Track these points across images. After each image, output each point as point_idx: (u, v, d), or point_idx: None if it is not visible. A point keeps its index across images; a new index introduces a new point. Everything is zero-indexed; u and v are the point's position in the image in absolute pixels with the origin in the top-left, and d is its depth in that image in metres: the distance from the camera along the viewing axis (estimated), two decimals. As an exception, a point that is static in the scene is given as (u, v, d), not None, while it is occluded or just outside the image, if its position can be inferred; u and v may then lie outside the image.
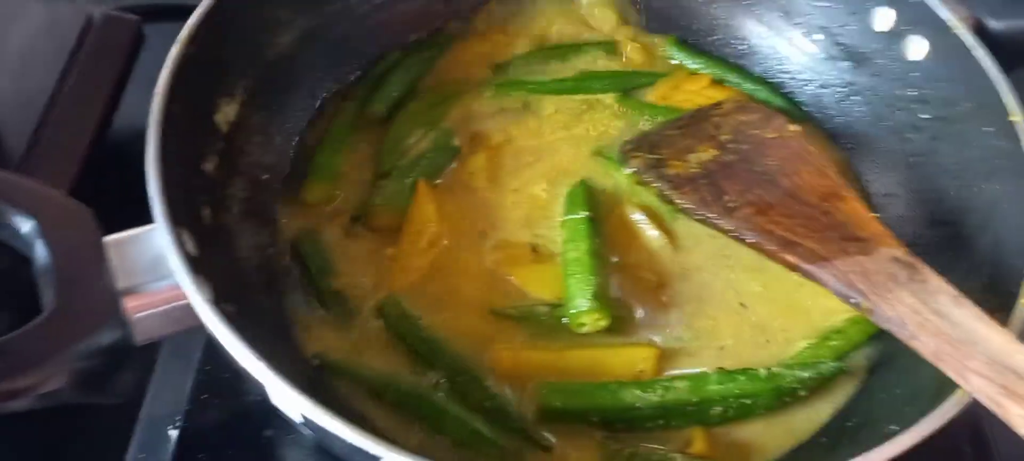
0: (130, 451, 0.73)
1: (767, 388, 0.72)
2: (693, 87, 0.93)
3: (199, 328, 0.66)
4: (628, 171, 0.83)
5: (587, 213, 0.80)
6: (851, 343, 0.76)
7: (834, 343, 0.76)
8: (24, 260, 0.65)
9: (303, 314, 0.77)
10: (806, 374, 0.73)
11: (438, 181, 0.85)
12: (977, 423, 0.78)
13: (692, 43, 0.98)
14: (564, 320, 0.76)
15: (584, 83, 0.94)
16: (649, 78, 0.95)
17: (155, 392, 0.76)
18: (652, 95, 0.94)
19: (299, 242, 0.80)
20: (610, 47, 0.97)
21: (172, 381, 0.77)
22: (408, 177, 0.84)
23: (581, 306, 0.74)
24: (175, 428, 0.74)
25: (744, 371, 0.73)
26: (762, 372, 0.73)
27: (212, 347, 0.76)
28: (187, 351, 0.78)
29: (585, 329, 0.75)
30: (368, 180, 0.85)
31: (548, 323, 0.76)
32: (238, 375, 0.75)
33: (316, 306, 0.77)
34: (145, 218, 0.65)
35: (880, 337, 0.75)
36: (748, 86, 0.94)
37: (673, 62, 0.97)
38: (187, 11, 0.90)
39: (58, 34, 0.98)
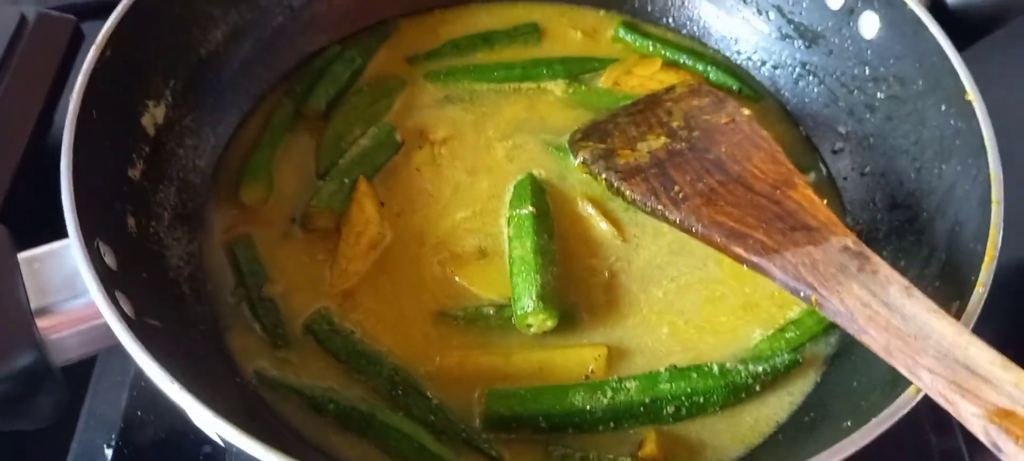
0: (64, 471, 0.71)
1: (720, 384, 0.70)
2: (645, 71, 0.91)
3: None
4: (577, 161, 0.80)
5: (532, 208, 0.78)
6: (808, 334, 0.74)
7: (790, 335, 0.74)
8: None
9: (238, 327, 0.73)
10: (760, 368, 0.71)
11: (379, 179, 0.82)
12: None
13: (644, 25, 0.95)
14: (512, 321, 0.73)
15: (531, 70, 0.91)
16: (599, 63, 0.92)
17: (90, 409, 0.74)
18: (603, 81, 0.91)
19: (233, 247, 0.77)
20: (536, 31, 0.95)
21: (106, 398, 0.75)
22: (348, 176, 0.81)
23: (527, 307, 0.72)
24: (110, 447, 0.72)
25: (696, 368, 0.71)
26: (714, 368, 0.70)
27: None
28: (122, 368, 0.75)
29: (532, 330, 0.73)
30: (307, 179, 0.82)
31: (496, 325, 0.74)
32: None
33: (251, 318, 0.74)
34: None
35: (837, 327, 0.73)
36: (701, 67, 0.91)
37: (621, 45, 0.94)
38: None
39: (-12, 35, 0.95)
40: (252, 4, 0.86)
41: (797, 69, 0.89)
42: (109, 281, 0.59)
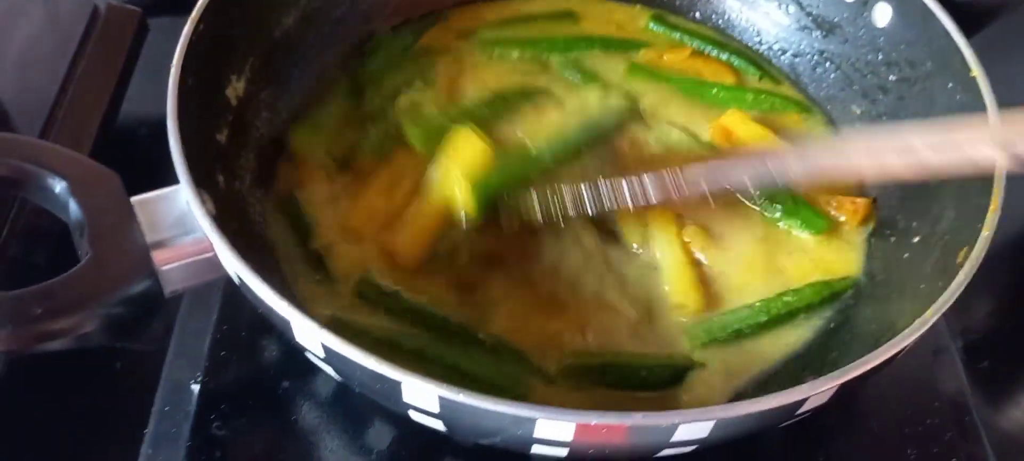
0: (156, 404, 0.77)
1: None
2: (675, 57, 0.98)
3: (219, 287, 0.71)
4: None
5: None
6: (804, 302, 0.80)
7: (788, 298, 0.80)
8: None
9: (304, 277, 0.80)
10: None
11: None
12: (965, 413, 0.82)
13: (672, 17, 1.04)
14: None
15: (573, 43, 0.99)
16: (634, 45, 1.00)
17: (176, 351, 0.80)
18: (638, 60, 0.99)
19: (286, 202, 0.84)
20: (573, 17, 1.03)
21: (191, 340, 0.81)
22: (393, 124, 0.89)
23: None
24: (197, 383, 0.78)
25: None
26: None
27: (228, 307, 0.81)
28: (204, 313, 0.82)
29: None
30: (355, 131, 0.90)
31: None
32: (253, 333, 0.81)
33: (310, 270, 0.80)
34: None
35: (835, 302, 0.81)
36: (725, 56, 0.99)
37: (650, 36, 1.02)
38: (187, 4, 0.94)
39: (65, 25, 1.02)
40: (319, -8, 0.94)
41: (815, 57, 0.97)
42: (215, 221, 0.67)
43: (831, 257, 0.84)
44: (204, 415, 0.77)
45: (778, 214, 0.85)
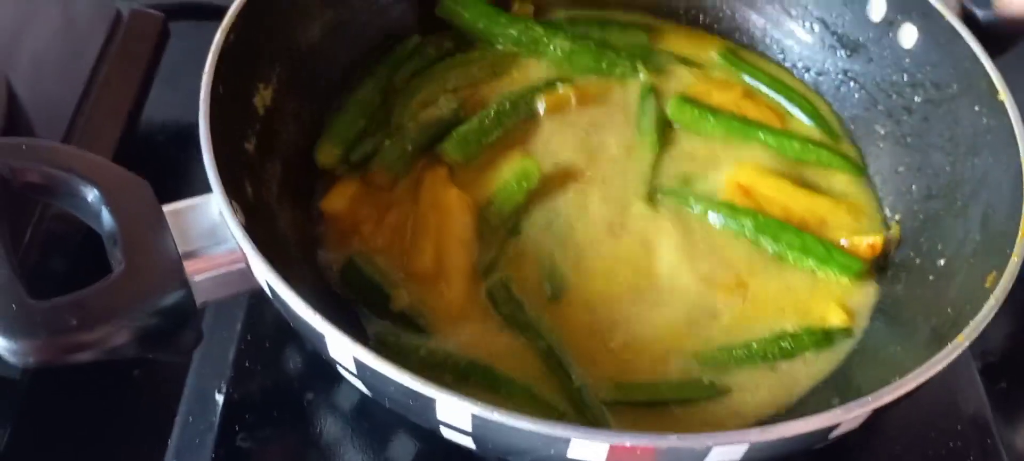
0: (179, 414, 0.77)
1: None
2: (727, 95, 0.96)
3: (251, 292, 0.71)
4: None
5: None
6: (801, 348, 0.80)
7: (784, 345, 0.80)
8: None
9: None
10: None
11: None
12: (986, 434, 0.82)
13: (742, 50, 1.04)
14: None
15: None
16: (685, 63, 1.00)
17: (200, 360, 0.80)
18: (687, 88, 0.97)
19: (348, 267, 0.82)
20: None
21: (216, 350, 0.81)
22: (414, 142, 0.88)
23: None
24: (221, 393, 0.78)
25: None
26: None
27: (251, 318, 0.81)
28: (229, 323, 0.82)
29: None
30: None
31: None
32: (278, 344, 0.82)
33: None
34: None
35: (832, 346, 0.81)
36: (780, 98, 0.98)
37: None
38: (209, 10, 0.94)
39: (87, 29, 1.02)
40: (345, 4, 0.94)
41: (839, 76, 0.97)
42: (247, 231, 0.67)
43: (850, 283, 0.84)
44: (228, 426, 0.77)
45: (811, 263, 0.84)
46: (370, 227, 0.84)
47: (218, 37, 0.78)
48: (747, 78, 0.99)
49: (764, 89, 0.98)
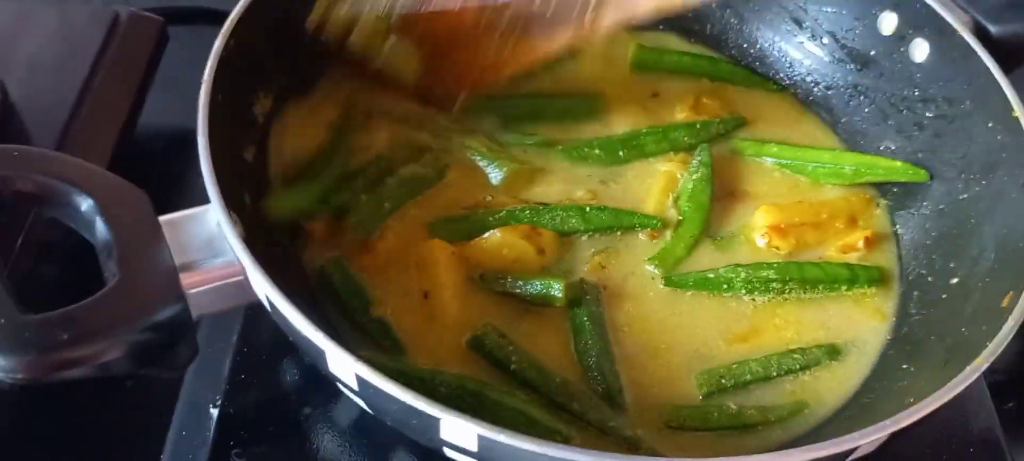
0: (172, 429, 0.75)
1: None
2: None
3: (248, 305, 0.69)
4: None
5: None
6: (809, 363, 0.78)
7: (796, 356, 0.78)
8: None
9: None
10: None
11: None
12: (996, 453, 0.81)
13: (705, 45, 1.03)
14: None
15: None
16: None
17: (195, 373, 0.78)
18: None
19: (327, 270, 0.79)
20: None
21: (211, 363, 0.78)
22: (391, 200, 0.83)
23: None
24: (215, 407, 0.76)
25: None
26: None
27: (248, 330, 0.80)
28: (224, 335, 0.80)
29: None
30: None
31: None
32: (274, 357, 0.80)
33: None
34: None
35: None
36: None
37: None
38: (209, 14, 0.92)
39: (85, 32, 1.00)
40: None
41: (849, 90, 0.96)
42: (246, 243, 0.65)
43: (865, 300, 0.83)
44: (223, 440, 0.74)
45: (844, 288, 0.82)
46: (354, 249, 0.80)
47: (218, 43, 0.76)
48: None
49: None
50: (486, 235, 0.80)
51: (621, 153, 0.90)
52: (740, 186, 0.90)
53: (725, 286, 0.81)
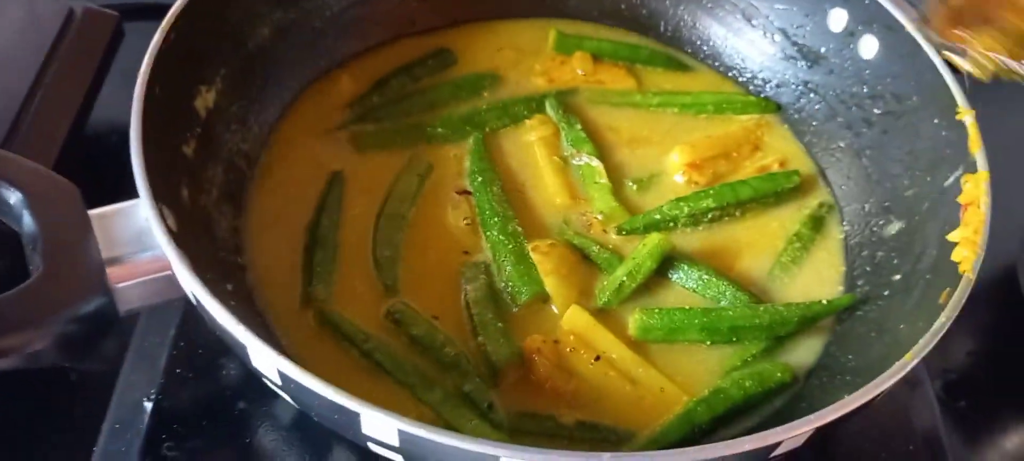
0: (106, 422, 0.75)
1: None
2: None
3: (178, 300, 0.68)
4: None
5: None
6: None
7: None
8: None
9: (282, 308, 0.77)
10: None
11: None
12: (939, 452, 0.81)
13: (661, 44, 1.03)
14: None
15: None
16: None
17: (131, 366, 0.77)
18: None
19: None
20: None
21: (147, 356, 0.78)
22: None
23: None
24: (150, 400, 0.76)
25: None
26: None
27: (186, 324, 0.79)
28: (162, 328, 0.79)
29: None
30: None
31: None
32: (212, 351, 0.79)
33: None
34: (121, 206, 0.67)
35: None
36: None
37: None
38: (165, 10, 0.91)
39: (39, 26, 1.00)
40: (296, 6, 0.92)
41: (800, 88, 0.96)
42: (173, 239, 0.64)
43: (815, 285, 0.83)
44: (156, 434, 0.74)
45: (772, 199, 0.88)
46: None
47: (156, 37, 0.76)
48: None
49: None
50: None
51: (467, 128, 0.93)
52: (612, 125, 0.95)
53: (671, 224, 0.85)
